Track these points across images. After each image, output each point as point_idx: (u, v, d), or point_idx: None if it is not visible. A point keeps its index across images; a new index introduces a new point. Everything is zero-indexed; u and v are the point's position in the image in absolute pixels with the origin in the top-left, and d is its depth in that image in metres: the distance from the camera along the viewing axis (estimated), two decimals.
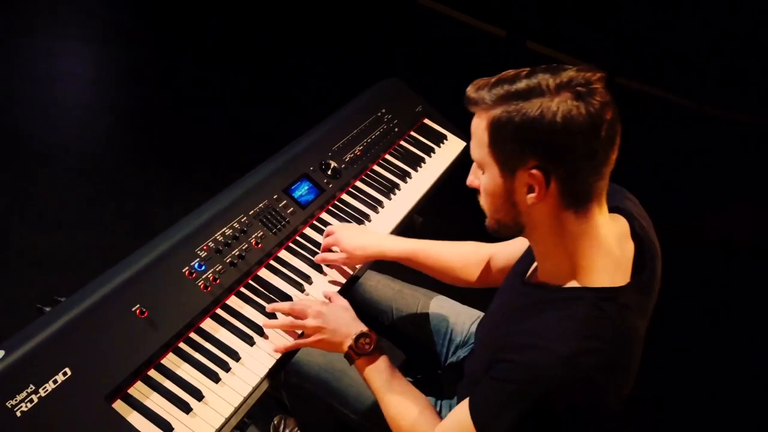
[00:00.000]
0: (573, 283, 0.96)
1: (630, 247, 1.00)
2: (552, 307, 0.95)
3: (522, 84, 0.89)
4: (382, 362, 1.19)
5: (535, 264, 1.08)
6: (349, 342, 1.19)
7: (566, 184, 0.90)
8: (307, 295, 1.34)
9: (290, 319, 1.24)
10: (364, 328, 1.20)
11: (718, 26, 4.35)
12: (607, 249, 0.96)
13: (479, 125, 0.94)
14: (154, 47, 3.58)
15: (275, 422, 1.86)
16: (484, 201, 1.00)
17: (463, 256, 1.42)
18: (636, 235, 1.02)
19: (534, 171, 0.89)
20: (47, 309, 1.15)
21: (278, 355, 1.20)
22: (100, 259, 2.09)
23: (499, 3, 4.87)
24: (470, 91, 0.95)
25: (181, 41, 3.67)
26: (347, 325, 1.22)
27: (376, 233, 1.49)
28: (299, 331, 1.24)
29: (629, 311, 0.94)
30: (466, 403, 0.99)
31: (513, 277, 1.18)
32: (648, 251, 1.01)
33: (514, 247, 1.34)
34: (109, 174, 2.58)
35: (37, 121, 2.71)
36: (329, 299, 1.31)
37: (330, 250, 1.44)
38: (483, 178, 0.98)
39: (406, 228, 1.67)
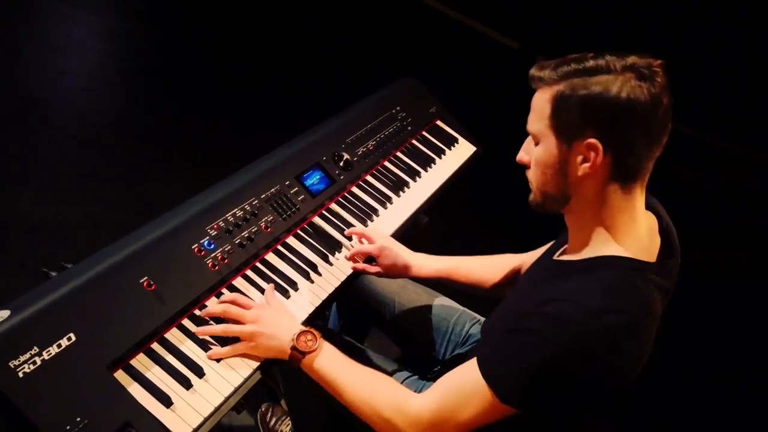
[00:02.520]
0: (604, 252, 1.01)
1: (657, 240, 1.07)
2: (581, 272, 1.01)
3: (590, 63, 0.96)
4: (333, 351, 1.14)
5: (563, 248, 1.14)
6: (288, 343, 1.12)
7: (619, 158, 0.96)
8: (312, 283, 1.34)
9: (225, 325, 1.14)
10: (303, 327, 1.15)
11: (740, 60, 4.40)
12: (639, 230, 1.02)
13: (541, 98, 1.00)
14: (176, 24, 3.57)
15: (263, 410, 1.86)
16: (534, 174, 1.05)
17: (498, 269, 1.46)
18: (663, 230, 1.08)
19: (592, 140, 0.95)
20: (53, 274, 1.15)
21: None
22: (102, 231, 2.09)
23: (516, 17, 4.91)
24: (534, 70, 1.01)
25: (204, 23, 3.66)
26: (284, 327, 1.14)
27: (409, 252, 1.46)
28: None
29: (653, 286, 0.99)
30: (469, 364, 1.00)
31: (539, 262, 1.23)
32: (672, 247, 1.08)
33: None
34: (117, 148, 2.57)
35: (50, 89, 2.70)
36: (268, 302, 1.23)
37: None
38: (536, 151, 1.03)
39: (411, 227, 1.67)
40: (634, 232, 1.02)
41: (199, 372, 1.08)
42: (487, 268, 1.46)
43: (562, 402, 1.00)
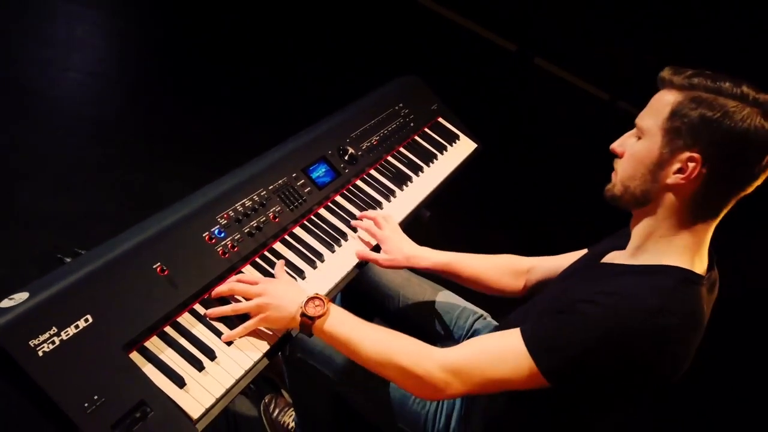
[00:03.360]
0: (663, 261, 1.04)
1: (707, 256, 1.08)
2: (639, 274, 1.03)
3: (725, 84, 0.97)
4: (343, 313, 1.15)
5: (610, 255, 1.16)
6: (297, 311, 1.13)
7: (713, 182, 0.99)
8: (318, 271, 1.37)
9: (234, 305, 1.17)
10: (310, 293, 1.16)
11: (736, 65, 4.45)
12: (703, 250, 1.05)
13: (663, 99, 1.02)
14: (178, 20, 3.60)
15: (266, 401, 1.88)
16: (623, 166, 1.07)
17: (499, 268, 1.47)
18: (710, 256, 1.10)
19: (696, 155, 0.97)
20: (67, 259, 1.18)
21: None
22: (104, 224, 2.11)
23: (515, 20, 4.96)
24: (667, 72, 1.03)
25: (208, 18, 3.68)
26: (292, 296, 1.16)
27: (414, 244, 1.50)
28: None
29: (703, 300, 1.03)
30: (510, 332, 1.03)
31: (582, 264, 1.25)
32: (713, 260, 1.10)
33: (556, 263, 1.40)
34: (118, 142, 2.60)
35: (53, 85, 2.72)
36: (276, 276, 1.26)
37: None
38: (636, 145, 1.05)
39: (414, 220, 1.71)
40: (699, 251, 1.05)
41: (211, 355, 1.11)
42: (488, 267, 1.48)
43: (595, 388, 1.03)
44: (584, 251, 1.35)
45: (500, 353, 1.03)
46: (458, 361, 1.06)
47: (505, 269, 1.48)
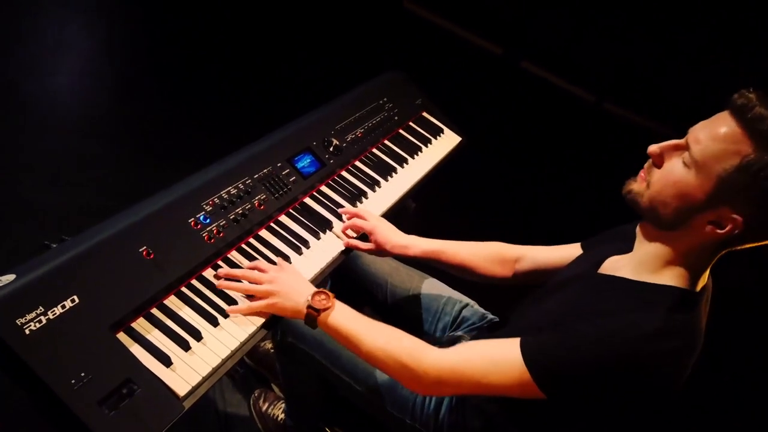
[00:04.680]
0: (665, 282, 1.02)
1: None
2: (640, 293, 1.02)
3: None
4: (346, 308, 1.19)
5: (609, 262, 1.15)
6: (304, 302, 1.17)
7: (742, 237, 0.95)
8: (304, 258, 1.39)
9: (246, 284, 1.23)
10: (316, 288, 1.21)
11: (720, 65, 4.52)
12: (707, 272, 1.05)
13: (736, 140, 0.90)
14: (164, 21, 3.63)
15: (255, 395, 1.89)
16: (660, 186, 0.99)
17: (487, 256, 1.48)
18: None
19: (739, 218, 0.92)
20: (54, 246, 1.19)
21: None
22: (93, 219, 2.13)
23: (501, 23, 5.02)
24: (759, 108, 0.89)
25: (193, 18, 3.72)
26: (300, 288, 1.21)
27: (402, 233, 1.52)
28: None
29: (701, 314, 1.03)
30: (509, 340, 1.04)
31: (577, 273, 1.22)
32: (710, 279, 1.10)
33: (546, 254, 1.42)
34: (108, 140, 2.62)
35: (43, 86, 2.74)
36: (280, 266, 1.29)
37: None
38: (681, 172, 0.96)
39: (399, 211, 1.73)
40: (702, 276, 1.04)
41: (198, 336, 1.12)
42: (474, 254, 1.49)
43: (589, 402, 1.03)
44: (576, 245, 1.37)
45: (497, 360, 1.04)
46: (453, 363, 1.08)
47: (493, 257, 1.49)
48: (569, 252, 1.36)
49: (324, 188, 1.58)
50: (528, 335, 1.04)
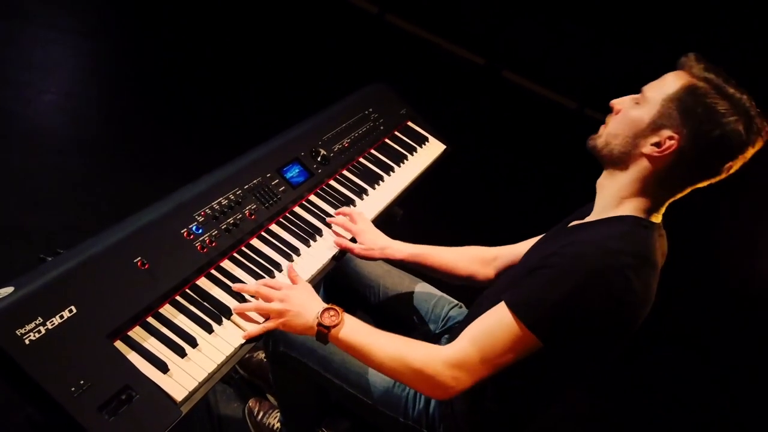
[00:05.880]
0: (621, 213, 1.15)
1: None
2: (598, 225, 1.16)
3: (731, 89, 1.08)
4: (356, 322, 1.22)
5: (572, 223, 1.27)
6: (314, 320, 1.20)
7: (680, 164, 1.11)
8: (295, 264, 1.42)
9: (257, 303, 1.26)
10: (325, 305, 1.23)
11: None
12: (656, 214, 1.18)
13: (675, 79, 1.12)
14: (151, 43, 3.66)
15: (250, 405, 1.91)
16: (614, 122, 1.18)
17: (468, 257, 1.56)
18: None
19: (676, 136, 1.09)
20: (49, 259, 1.21)
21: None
22: (84, 237, 2.15)
23: (484, 36, 5.12)
24: (691, 58, 1.13)
25: (178, 41, 3.76)
26: (310, 306, 1.24)
27: (388, 237, 1.58)
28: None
29: (657, 243, 1.14)
30: (496, 308, 1.11)
31: (552, 231, 1.36)
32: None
33: (517, 250, 1.49)
34: (97, 159, 2.65)
35: (31, 106, 2.76)
36: (293, 281, 1.35)
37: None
38: (632, 109, 1.16)
39: (387, 218, 1.77)
40: (654, 214, 1.17)
41: (193, 342, 1.15)
42: (457, 257, 1.56)
43: (581, 334, 1.10)
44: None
45: (493, 329, 1.11)
46: (460, 354, 1.13)
47: (473, 258, 1.56)
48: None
49: (313, 197, 1.62)
50: (509, 290, 1.13)
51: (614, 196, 1.18)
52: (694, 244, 3.88)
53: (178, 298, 1.21)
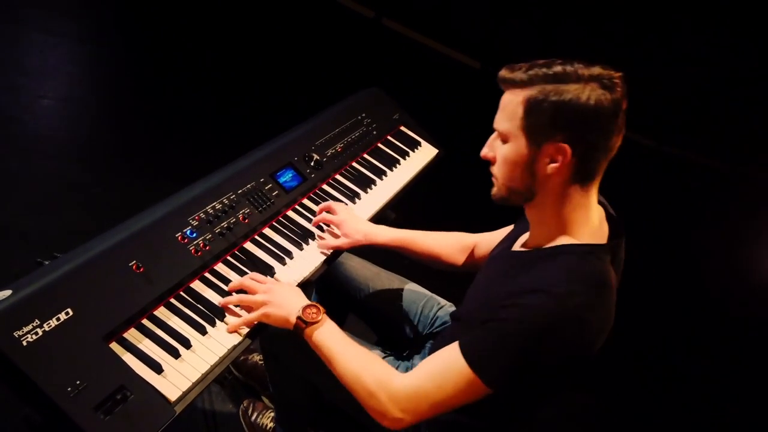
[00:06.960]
0: (562, 242, 1.13)
1: (606, 226, 1.19)
2: (543, 261, 1.12)
3: (558, 68, 1.04)
4: (333, 327, 1.23)
5: (521, 239, 1.25)
6: (295, 313, 1.22)
7: (584, 160, 1.07)
8: (288, 268, 1.45)
9: (241, 295, 1.29)
10: (309, 302, 1.25)
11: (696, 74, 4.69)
12: (593, 222, 1.14)
13: (512, 100, 1.07)
14: (147, 49, 3.70)
15: (244, 405, 1.94)
16: (500, 170, 1.14)
17: (449, 244, 1.59)
18: (610, 217, 1.21)
19: (562, 144, 1.04)
20: (46, 263, 1.24)
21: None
22: (82, 240, 2.18)
23: (480, 42, 5.16)
24: (505, 72, 1.09)
25: (174, 46, 3.79)
26: (293, 300, 1.25)
27: (370, 223, 1.62)
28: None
29: (606, 264, 1.12)
30: (451, 349, 1.09)
31: (498, 253, 1.34)
32: (619, 230, 1.20)
33: (493, 238, 1.50)
34: (94, 163, 2.67)
35: (28, 111, 2.79)
36: (277, 280, 1.38)
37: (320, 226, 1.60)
38: (503, 149, 1.11)
39: (380, 221, 1.80)
40: (588, 223, 1.14)
41: (187, 344, 1.18)
42: (439, 242, 1.60)
43: (540, 380, 1.11)
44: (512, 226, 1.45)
45: (448, 374, 1.09)
46: (410, 389, 1.11)
47: (455, 245, 1.60)
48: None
49: (306, 201, 1.65)
50: (464, 333, 1.11)
51: (545, 223, 1.15)
52: (684, 245, 3.91)
53: (172, 300, 1.24)
